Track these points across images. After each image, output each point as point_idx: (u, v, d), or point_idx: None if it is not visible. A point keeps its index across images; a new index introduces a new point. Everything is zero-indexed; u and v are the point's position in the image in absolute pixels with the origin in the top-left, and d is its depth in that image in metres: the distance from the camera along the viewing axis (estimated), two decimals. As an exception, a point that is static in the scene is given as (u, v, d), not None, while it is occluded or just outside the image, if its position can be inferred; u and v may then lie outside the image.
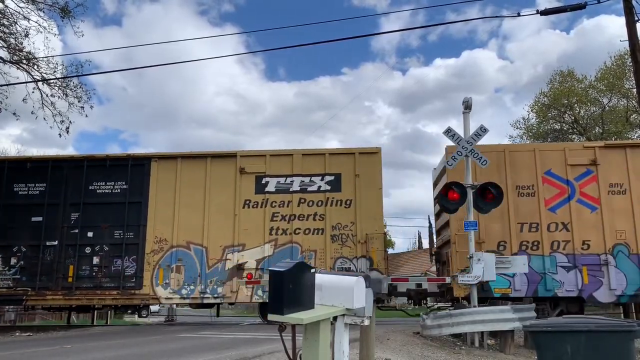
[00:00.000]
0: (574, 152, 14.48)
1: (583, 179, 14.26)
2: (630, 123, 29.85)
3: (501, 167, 14.21)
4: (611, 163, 14.28)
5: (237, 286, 14.49)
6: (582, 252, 13.75)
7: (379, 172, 15.08)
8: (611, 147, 14.61)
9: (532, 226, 13.99)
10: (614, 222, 13.93)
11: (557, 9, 13.24)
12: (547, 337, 5.57)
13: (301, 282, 3.75)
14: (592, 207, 14.06)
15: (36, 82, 17.13)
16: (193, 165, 15.44)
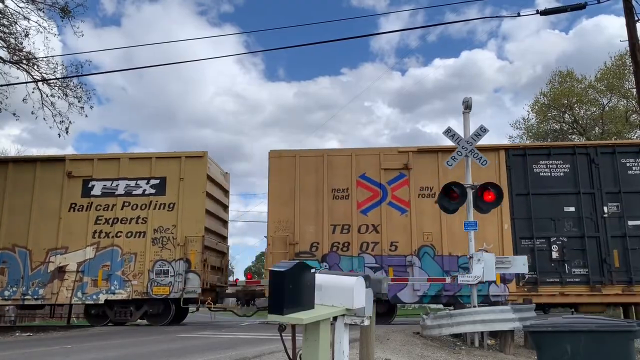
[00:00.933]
0: (389, 156, 15.00)
1: (395, 182, 14.80)
2: (630, 123, 29.86)
3: (319, 170, 14.83)
4: (423, 167, 14.82)
5: (58, 288, 14.69)
6: (390, 253, 14.28)
7: (204, 175, 15.35)
8: (424, 151, 15.07)
9: (344, 228, 14.52)
10: (422, 224, 14.46)
11: (557, 9, 13.26)
12: (547, 337, 5.57)
13: (301, 282, 3.75)
14: (402, 210, 14.61)
15: (36, 82, 17.14)
16: (23, 169, 15.65)
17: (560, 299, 13.97)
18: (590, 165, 14.49)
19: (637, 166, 14.41)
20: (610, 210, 14.18)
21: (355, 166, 14.85)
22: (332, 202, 14.69)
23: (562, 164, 14.62)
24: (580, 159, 14.57)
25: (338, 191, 14.78)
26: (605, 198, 14.23)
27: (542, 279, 13.90)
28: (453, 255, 14.16)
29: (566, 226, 14.17)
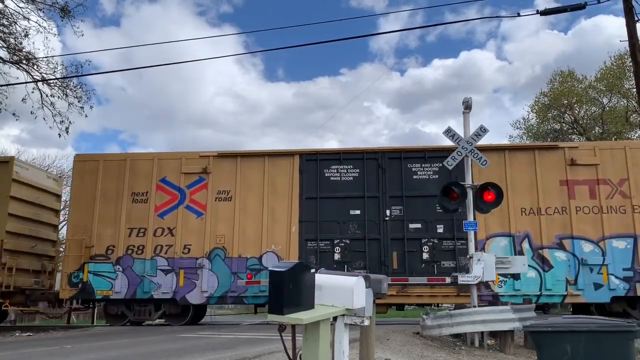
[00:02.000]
0: (190, 160, 15.28)
1: (194, 186, 15.07)
2: (630, 123, 29.87)
3: (122, 174, 15.19)
4: (222, 171, 15.09)
5: None
6: (182, 255, 14.57)
7: (9, 180, 15.39)
8: (224, 156, 15.34)
9: (140, 231, 14.83)
10: (216, 227, 14.73)
11: (557, 9, 13.25)
12: (547, 337, 5.57)
13: (301, 282, 3.75)
14: (198, 213, 14.89)
15: (36, 82, 17.13)
16: None
17: None
18: (378, 170, 14.85)
19: (422, 171, 14.81)
20: (393, 214, 14.56)
21: (157, 170, 15.18)
22: (131, 206, 15.02)
23: (352, 168, 14.95)
24: (369, 164, 14.91)
25: (138, 195, 15.11)
26: (389, 202, 14.63)
27: None
28: (242, 257, 14.47)
29: (351, 229, 14.54)
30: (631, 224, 13.91)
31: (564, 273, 13.77)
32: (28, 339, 11.93)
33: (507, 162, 14.57)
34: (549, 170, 14.44)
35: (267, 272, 13.83)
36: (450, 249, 14.19)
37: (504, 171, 14.45)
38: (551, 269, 13.82)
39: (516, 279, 12.85)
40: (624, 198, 14.02)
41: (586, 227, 13.99)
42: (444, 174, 14.34)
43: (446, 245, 14.23)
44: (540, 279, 13.78)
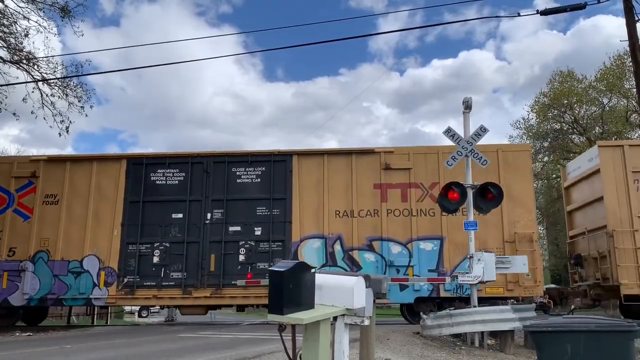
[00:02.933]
0: (22, 164, 15.45)
1: (23, 190, 15.20)
2: (630, 123, 29.86)
3: None
4: (51, 175, 15.22)
5: None
6: (7, 258, 14.70)
7: None
8: (54, 160, 15.48)
9: None
10: (42, 230, 14.87)
11: (557, 9, 13.24)
12: (547, 337, 5.56)
13: (301, 282, 3.74)
14: (25, 216, 15.01)
15: (36, 82, 17.13)
16: None
17: (155, 301, 14.70)
18: (204, 174, 14.99)
19: (246, 175, 14.96)
20: (214, 217, 14.69)
21: None
22: None
23: (178, 172, 15.10)
24: (195, 168, 15.06)
25: None
26: (212, 205, 14.76)
27: (141, 282, 14.37)
28: (65, 260, 14.58)
29: (172, 232, 14.67)
30: (439, 227, 14.25)
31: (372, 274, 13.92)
32: (28, 339, 11.93)
33: (325, 165, 14.86)
34: (364, 174, 14.75)
35: (87, 275, 14.42)
36: (266, 251, 14.42)
37: (322, 174, 14.79)
38: (359, 270, 14.08)
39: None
40: (434, 201, 14.25)
41: (396, 229, 14.34)
42: (265, 178, 14.82)
43: (262, 248, 14.45)
44: None
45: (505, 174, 14.33)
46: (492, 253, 10.95)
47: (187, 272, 14.32)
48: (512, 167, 14.44)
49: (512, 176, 14.35)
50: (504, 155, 14.55)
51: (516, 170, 14.44)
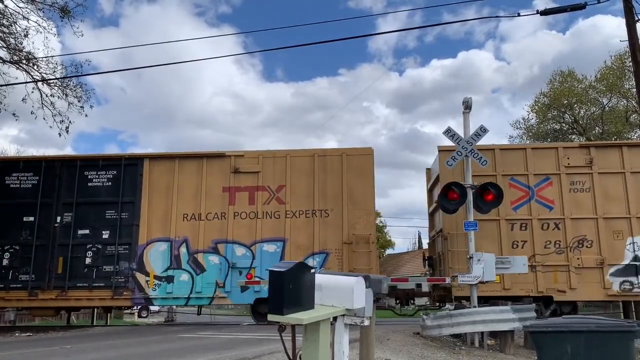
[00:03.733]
0: None
1: None
2: (630, 123, 29.84)
3: None
4: None
5: None
6: None
7: None
8: None
9: None
10: None
11: (557, 9, 13.23)
12: (547, 337, 5.56)
13: (301, 282, 3.74)
14: None
15: (36, 82, 17.13)
16: None
17: (3, 303, 14.75)
18: (56, 177, 15.03)
19: (97, 178, 15.07)
20: (64, 220, 14.78)
21: None
22: None
23: (32, 176, 15.15)
24: (48, 172, 15.09)
25: None
26: (62, 208, 14.82)
27: None
28: None
29: (23, 235, 14.72)
30: (282, 229, 14.45)
31: (215, 276, 14.31)
32: (28, 339, 11.93)
33: (177, 169, 15.00)
34: (214, 178, 14.90)
35: None
36: (113, 254, 14.52)
37: (172, 178, 14.92)
38: (203, 272, 14.36)
39: None
40: (279, 204, 14.60)
41: (242, 232, 14.53)
42: (116, 182, 14.93)
43: (109, 251, 14.55)
44: (192, 282, 14.32)
45: (348, 177, 14.62)
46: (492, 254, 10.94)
47: (35, 274, 14.44)
48: (355, 170, 14.70)
49: (354, 179, 14.61)
50: (348, 159, 14.79)
51: (359, 173, 14.69)
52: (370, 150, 15.19)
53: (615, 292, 13.56)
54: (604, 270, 13.68)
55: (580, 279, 13.60)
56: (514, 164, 14.45)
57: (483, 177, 13.47)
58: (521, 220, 14.07)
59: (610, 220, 13.95)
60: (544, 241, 13.95)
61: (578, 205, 14.09)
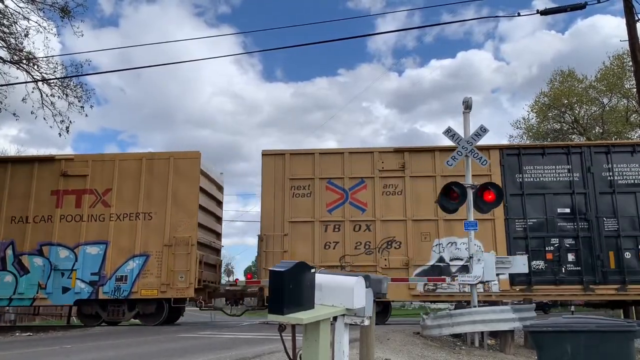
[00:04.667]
0: None
1: None
2: (630, 123, 29.84)
3: None
4: None
5: None
6: None
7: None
8: None
9: None
10: None
11: (557, 9, 13.23)
12: (547, 337, 5.56)
13: (301, 282, 3.74)
14: None
15: (36, 82, 17.14)
16: None
17: None
18: None
19: None
20: None
21: None
22: None
23: None
24: None
25: None
26: None
27: None
28: None
29: None
30: (106, 231, 14.73)
31: (38, 278, 14.52)
32: (28, 339, 11.93)
33: (9, 172, 15.28)
34: (44, 181, 15.17)
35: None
36: None
37: (4, 181, 15.17)
38: (27, 274, 14.60)
39: None
40: (105, 207, 14.88)
41: (66, 235, 14.77)
42: None
43: None
44: (16, 283, 14.56)
45: (174, 180, 14.88)
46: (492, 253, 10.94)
47: None
48: (181, 173, 14.96)
49: (180, 182, 14.88)
50: (175, 163, 15.06)
51: (185, 177, 14.96)
52: (197, 154, 15.45)
53: (419, 292, 14.00)
54: (409, 270, 14.12)
55: None
56: (332, 167, 14.91)
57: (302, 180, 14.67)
58: (335, 222, 14.54)
59: (419, 222, 14.43)
60: (355, 242, 14.40)
61: (389, 208, 14.56)
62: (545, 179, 14.49)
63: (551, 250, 14.01)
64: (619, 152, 14.52)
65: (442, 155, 14.43)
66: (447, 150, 14.48)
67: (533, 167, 14.56)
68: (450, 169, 13.81)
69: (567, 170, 14.46)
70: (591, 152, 14.53)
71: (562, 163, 14.52)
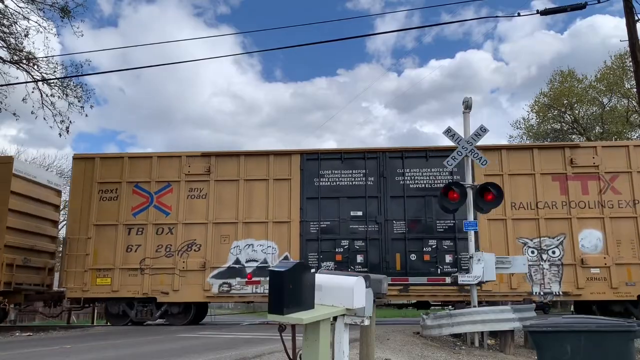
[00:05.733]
0: None
1: None
2: (630, 123, 29.84)
3: None
4: None
5: None
6: None
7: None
8: None
9: None
10: None
11: (557, 9, 13.22)
12: (547, 337, 5.56)
13: (301, 282, 3.74)
14: None
15: (36, 82, 17.14)
16: None
17: None
18: None
19: None
20: None
21: None
22: None
23: None
24: None
25: None
26: None
27: None
28: None
29: None
30: None
31: None
32: (28, 339, 11.93)
33: None
34: None
35: None
36: None
37: None
38: None
39: None
40: None
41: None
42: None
43: None
44: None
45: None
46: (492, 254, 10.94)
47: None
48: None
49: None
50: None
51: None
52: (10, 158, 15.45)
53: (214, 293, 14.31)
54: (205, 272, 14.37)
55: (184, 281, 14.37)
56: (141, 172, 15.10)
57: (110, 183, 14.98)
58: (139, 225, 14.76)
59: (220, 225, 14.66)
60: (157, 245, 14.66)
61: (193, 211, 14.82)
62: (341, 183, 14.75)
63: (341, 251, 14.32)
64: (412, 157, 14.80)
65: (248, 160, 15.01)
66: (253, 155, 15.11)
67: (331, 171, 14.84)
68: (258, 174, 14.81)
69: (363, 174, 14.74)
70: (386, 157, 14.83)
71: (359, 168, 14.80)
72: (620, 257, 13.69)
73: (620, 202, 14.02)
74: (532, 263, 13.63)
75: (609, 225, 13.86)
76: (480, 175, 13.67)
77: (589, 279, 13.66)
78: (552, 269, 13.75)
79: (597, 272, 13.67)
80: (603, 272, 13.67)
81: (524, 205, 14.16)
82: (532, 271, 13.70)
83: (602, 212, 13.98)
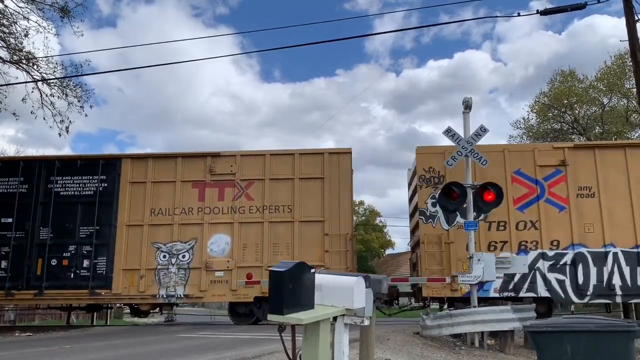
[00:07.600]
0: None
1: None
2: (630, 123, 29.83)
3: None
4: None
5: None
6: None
7: None
8: None
9: None
10: None
11: (557, 9, 13.22)
12: (547, 337, 5.56)
13: (301, 282, 3.74)
14: None
15: (36, 82, 17.13)
16: None
17: None
18: None
19: None
20: None
21: None
22: None
23: None
24: None
25: None
26: None
27: None
28: None
29: None
30: None
31: None
32: (28, 339, 11.93)
33: None
34: None
35: None
36: None
37: None
38: None
39: None
40: None
41: None
42: None
43: None
44: None
45: None
46: (492, 254, 10.94)
47: None
48: None
49: None
50: None
51: None
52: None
53: None
54: None
55: None
56: None
57: None
58: None
59: None
60: None
61: None
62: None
63: None
64: (66, 166, 15.18)
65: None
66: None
67: None
68: None
69: (18, 182, 15.06)
70: (42, 166, 15.15)
71: (15, 175, 15.11)
72: (244, 261, 14.22)
73: (251, 207, 14.60)
74: (162, 267, 14.29)
75: (237, 230, 14.43)
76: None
77: (212, 282, 14.18)
78: (180, 272, 14.29)
79: (221, 275, 14.17)
80: (227, 275, 14.16)
81: (162, 212, 14.65)
82: (162, 275, 14.28)
83: (233, 217, 14.51)
